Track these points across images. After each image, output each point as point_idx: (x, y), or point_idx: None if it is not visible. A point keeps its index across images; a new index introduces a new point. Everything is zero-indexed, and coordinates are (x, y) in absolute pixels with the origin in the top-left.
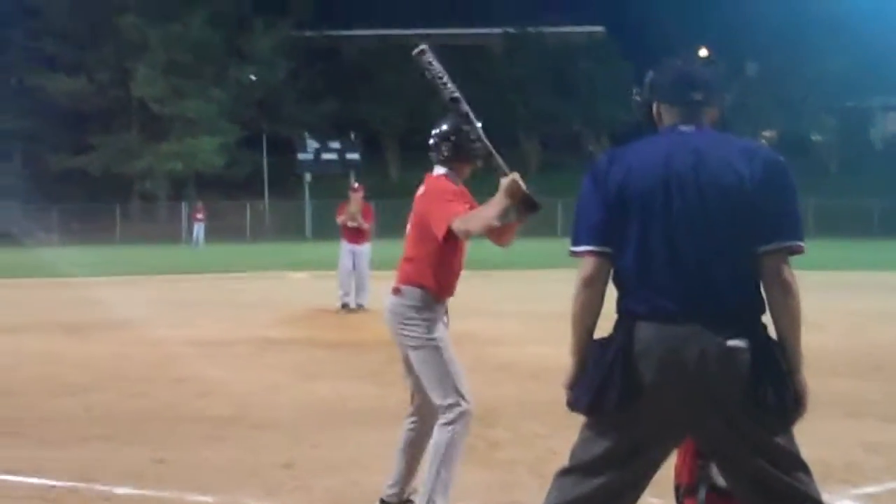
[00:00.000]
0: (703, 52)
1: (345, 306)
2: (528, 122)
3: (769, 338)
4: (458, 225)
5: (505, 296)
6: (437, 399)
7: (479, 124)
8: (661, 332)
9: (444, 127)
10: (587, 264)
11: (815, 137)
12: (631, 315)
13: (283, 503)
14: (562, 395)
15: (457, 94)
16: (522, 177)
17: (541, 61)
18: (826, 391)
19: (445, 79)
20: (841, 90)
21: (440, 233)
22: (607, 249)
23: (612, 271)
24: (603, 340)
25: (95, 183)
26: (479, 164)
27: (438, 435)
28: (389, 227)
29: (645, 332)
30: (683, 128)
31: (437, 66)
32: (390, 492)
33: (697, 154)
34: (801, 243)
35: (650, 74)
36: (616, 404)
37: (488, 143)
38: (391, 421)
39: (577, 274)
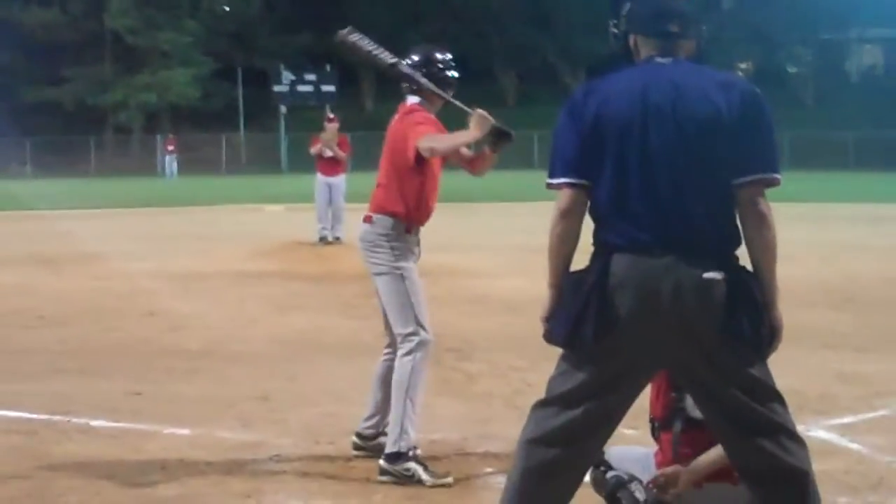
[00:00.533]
0: None
1: (322, 239)
2: (504, 54)
3: (745, 270)
4: (423, 142)
5: (481, 228)
6: (396, 328)
7: (423, 80)
8: (636, 264)
9: (415, 57)
10: (563, 196)
11: (791, 69)
12: (607, 247)
13: (259, 435)
14: (538, 328)
15: (394, 60)
16: (498, 111)
17: None
18: (800, 323)
19: (377, 50)
20: (817, 22)
21: (411, 154)
22: (583, 181)
23: (588, 203)
24: (579, 273)
25: (69, 115)
26: (450, 93)
27: (400, 366)
28: (364, 159)
29: (621, 263)
30: (660, 59)
31: (365, 42)
32: (366, 424)
33: (674, 86)
34: (777, 175)
35: (627, 6)
36: (592, 336)
37: (442, 93)
38: (367, 354)
39: (553, 206)
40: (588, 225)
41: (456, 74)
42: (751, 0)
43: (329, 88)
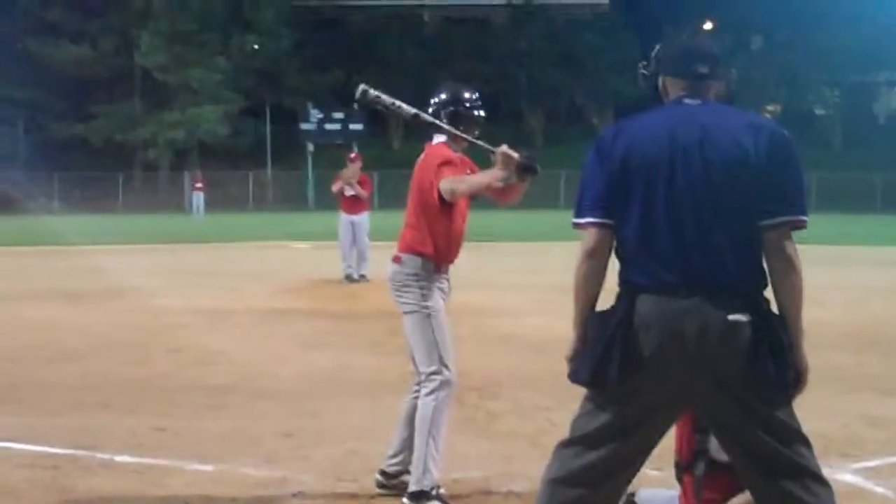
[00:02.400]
0: (708, 26)
1: (348, 277)
2: (532, 95)
3: (770, 312)
4: (444, 185)
5: (507, 267)
6: (420, 366)
7: (447, 126)
8: (662, 305)
9: (443, 96)
10: (589, 236)
11: (819, 111)
12: (632, 287)
13: (283, 472)
14: (563, 367)
15: (415, 111)
16: (525, 150)
17: (545, 34)
18: (826, 365)
19: (397, 103)
20: (845, 65)
21: (434, 194)
22: (609, 221)
23: (614, 243)
24: (604, 312)
25: (98, 151)
26: (477, 132)
27: (422, 405)
28: (391, 197)
29: (646, 304)
30: (689, 101)
31: (384, 97)
32: (391, 462)
33: (703, 127)
34: (805, 218)
35: (657, 48)
36: (617, 377)
37: (465, 136)
38: (392, 392)
39: (579, 246)
40: (614, 265)
41: (483, 113)
42: (779, 42)
43: (357, 127)
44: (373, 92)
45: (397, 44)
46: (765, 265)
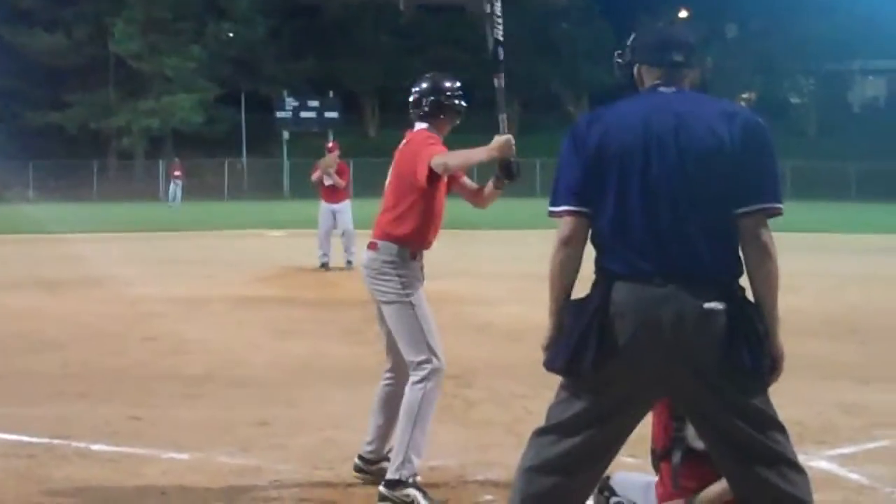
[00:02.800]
0: (683, 14)
1: (324, 265)
2: (508, 82)
3: (746, 300)
4: (437, 158)
5: (483, 256)
6: (408, 355)
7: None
8: (637, 293)
9: (425, 84)
10: (565, 224)
11: (794, 100)
12: (608, 275)
13: (259, 461)
14: (539, 356)
15: (502, 39)
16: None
17: (521, 22)
18: (802, 353)
19: (500, 21)
20: (820, 53)
21: (422, 174)
22: (585, 209)
23: (590, 231)
24: (580, 301)
25: (72, 140)
26: (457, 121)
27: (410, 393)
28: (367, 185)
29: (621, 292)
30: (664, 89)
31: (498, 5)
32: (368, 449)
33: (677, 116)
34: (780, 205)
35: (632, 36)
36: (592, 365)
37: (502, 98)
38: (368, 379)
39: (555, 234)
40: (589, 253)
41: (464, 103)
42: (755, 30)
43: (332, 115)
44: None
45: (373, 31)
46: (741, 253)
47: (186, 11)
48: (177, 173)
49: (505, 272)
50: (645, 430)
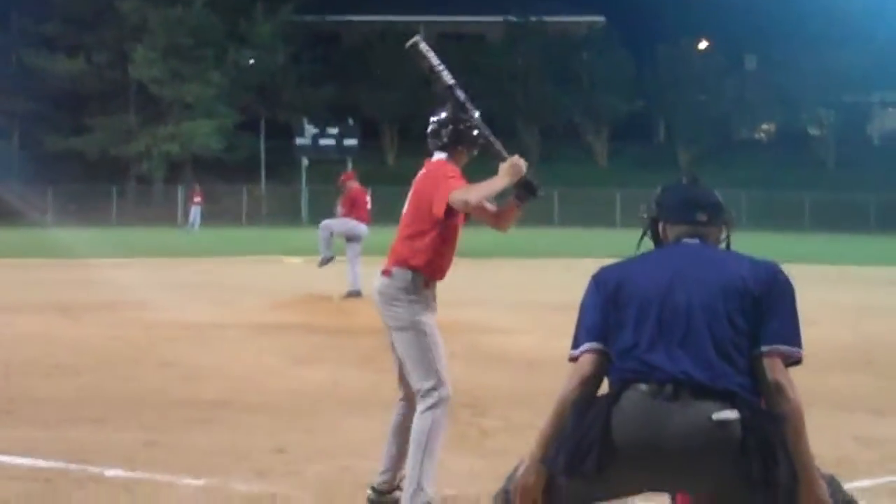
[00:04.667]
0: (703, 45)
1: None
2: (528, 112)
3: (762, 412)
4: (455, 195)
5: (499, 284)
6: (416, 382)
7: (476, 113)
8: (645, 399)
9: (444, 114)
10: (585, 363)
11: (814, 132)
12: (618, 381)
13: (274, 488)
14: (555, 386)
15: (454, 82)
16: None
17: (541, 51)
18: (819, 385)
19: (442, 67)
20: (840, 85)
21: (440, 208)
22: (604, 348)
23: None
24: (586, 404)
25: (92, 164)
26: (476, 151)
27: (419, 422)
28: (385, 213)
29: (630, 398)
30: (688, 240)
31: (433, 56)
32: (381, 479)
33: (701, 258)
34: (799, 350)
35: (657, 193)
36: (596, 466)
37: (487, 130)
38: (384, 407)
39: (573, 371)
40: None
41: (475, 138)
42: (774, 62)
43: (351, 142)
44: (424, 46)
45: (392, 59)
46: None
47: (207, 38)
48: (196, 199)
49: (521, 301)
50: None
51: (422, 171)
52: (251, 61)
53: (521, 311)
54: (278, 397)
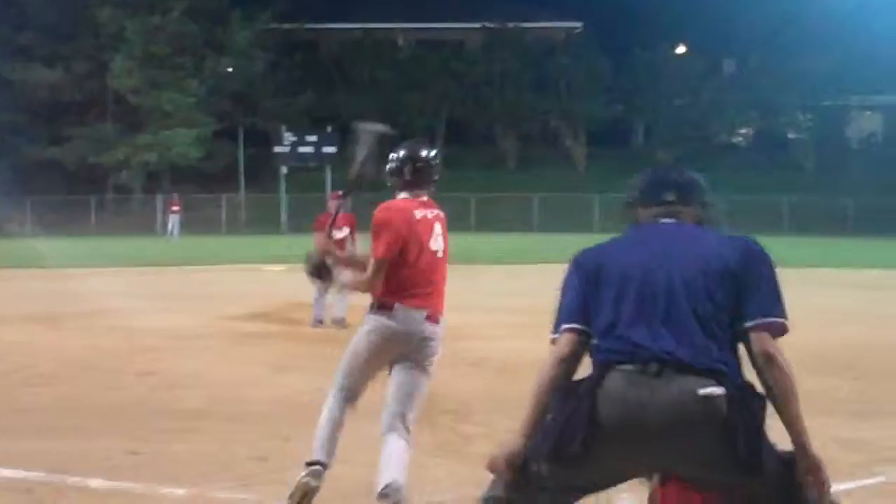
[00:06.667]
0: (681, 49)
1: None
2: (506, 117)
3: (748, 388)
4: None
5: (480, 290)
6: (412, 412)
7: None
8: (630, 379)
9: (402, 153)
10: (564, 342)
11: (792, 135)
12: (602, 362)
13: (257, 496)
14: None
15: (356, 176)
16: (499, 173)
17: (519, 57)
18: (799, 389)
19: (361, 160)
20: (818, 89)
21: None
22: (585, 328)
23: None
24: (569, 385)
25: (70, 174)
26: (433, 188)
27: (405, 443)
28: (362, 220)
29: (614, 378)
30: (664, 220)
31: (359, 151)
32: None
33: (679, 238)
34: (785, 320)
35: (633, 179)
36: (582, 446)
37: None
38: (365, 415)
39: (551, 352)
40: None
41: (436, 176)
42: (752, 66)
43: (330, 149)
44: (362, 132)
45: (371, 66)
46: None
47: (185, 46)
48: (175, 208)
49: (501, 306)
50: None
51: (436, 211)
52: (229, 69)
53: (500, 316)
54: (259, 406)
